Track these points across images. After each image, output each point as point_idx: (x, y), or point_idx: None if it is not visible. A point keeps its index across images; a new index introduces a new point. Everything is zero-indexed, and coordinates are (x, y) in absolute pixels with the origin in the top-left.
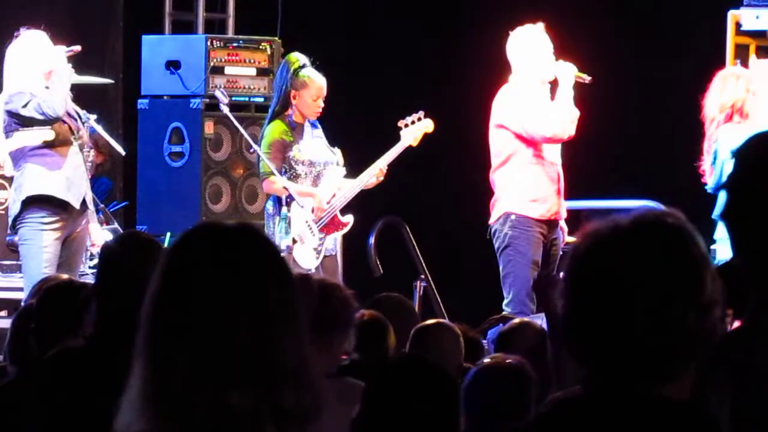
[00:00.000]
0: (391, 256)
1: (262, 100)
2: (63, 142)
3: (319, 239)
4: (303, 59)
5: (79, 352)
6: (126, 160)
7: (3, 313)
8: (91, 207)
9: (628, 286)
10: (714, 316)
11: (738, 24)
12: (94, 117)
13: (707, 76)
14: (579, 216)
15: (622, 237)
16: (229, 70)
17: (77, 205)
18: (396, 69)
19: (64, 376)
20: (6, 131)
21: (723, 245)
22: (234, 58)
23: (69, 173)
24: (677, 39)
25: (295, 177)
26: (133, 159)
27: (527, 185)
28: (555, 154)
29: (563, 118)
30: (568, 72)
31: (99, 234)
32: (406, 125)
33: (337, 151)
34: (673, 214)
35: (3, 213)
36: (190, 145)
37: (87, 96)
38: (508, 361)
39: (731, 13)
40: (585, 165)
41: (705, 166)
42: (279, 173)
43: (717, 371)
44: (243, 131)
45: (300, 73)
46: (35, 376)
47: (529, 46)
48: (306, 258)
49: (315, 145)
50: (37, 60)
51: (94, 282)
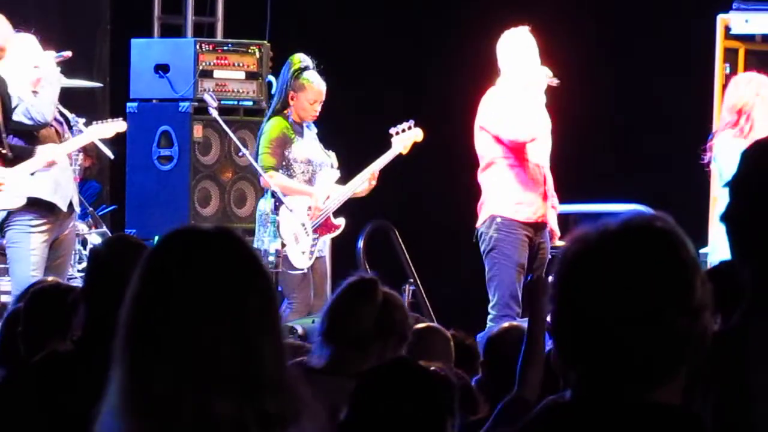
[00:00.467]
0: (380, 259)
1: (251, 103)
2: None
3: (313, 240)
4: (306, 61)
5: (67, 355)
6: (114, 163)
7: None
8: (78, 209)
9: (617, 290)
10: (704, 320)
11: (727, 28)
12: (82, 121)
13: (697, 80)
14: (567, 220)
15: (611, 241)
16: (218, 73)
17: (64, 208)
18: (385, 73)
19: (51, 380)
20: None
21: (719, 248)
22: (223, 61)
23: (56, 176)
24: (667, 43)
25: (292, 175)
26: (122, 162)
27: (511, 188)
28: (541, 156)
29: (529, 121)
30: (541, 76)
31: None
32: (397, 133)
33: (332, 154)
34: (662, 218)
35: None
36: (178, 149)
37: (75, 99)
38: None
39: (720, 17)
40: (574, 169)
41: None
42: (277, 170)
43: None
44: (232, 135)
45: (300, 76)
46: (22, 379)
47: (514, 49)
48: (299, 258)
49: (312, 146)
50: (27, 64)
51: (82, 285)
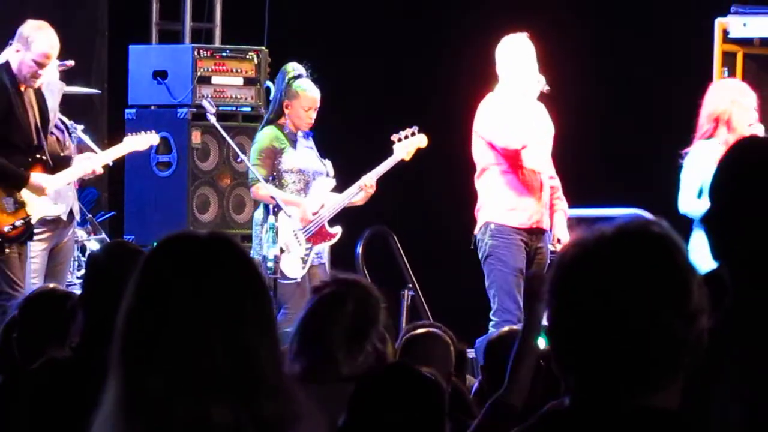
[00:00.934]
0: (379, 265)
1: (249, 109)
2: (51, 153)
3: (306, 249)
4: (299, 69)
5: (65, 362)
6: (113, 170)
7: None
8: (78, 217)
9: (613, 295)
10: (701, 324)
11: (725, 32)
12: (81, 127)
13: (695, 83)
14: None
15: (606, 246)
16: (216, 79)
17: (64, 216)
18: (383, 79)
19: (49, 386)
20: None
21: (698, 252)
22: (221, 67)
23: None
24: (665, 47)
25: (284, 185)
26: (121, 169)
27: (505, 194)
28: (538, 162)
29: (521, 128)
30: (534, 82)
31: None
32: (399, 139)
33: (328, 163)
34: (658, 222)
35: None
36: (177, 155)
37: (74, 106)
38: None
39: (718, 21)
40: (572, 173)
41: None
42: (267, 180)
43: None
44: (230, 141)
45: (294, 84)
46: (20, 386)
47: (512, 55)
48: (292, 267)
49: (305, 155)
50: None
51: (80, 292)
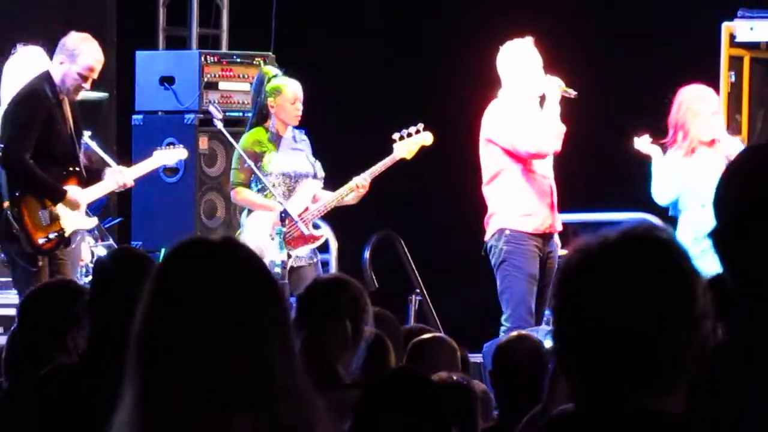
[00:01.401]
0: (387, 270)
1: None
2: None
3: (286, 253)
4: (275, 70)
5: (73, 369)
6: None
7: None
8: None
9: (618, 300)
10: (706, 328)
11: (732, 36)
12: (88, 133)
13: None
14: (569, 229)
15: (611, 251)
16: (223, 85)
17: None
18: (389, 82)
19: (58, 393)
20: None
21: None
22: (228, 73)
23: None
24: (671, 51)
25: (265, 188)
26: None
27: (519, 200)
28: (546, 167)
29: (548, 133)
30: (554, 86)
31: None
32: (401, 138)
33: (317, 164)
34: (662, 227)
35: None
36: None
37: (81, 112)
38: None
39: (725, 25)
40: (577, 178)
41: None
42: (248, 185)
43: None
44: (237, 146)
45: (273, 82)
46: (28, 393)
47: (518, 60)
48: None
49: (291, 157)
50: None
51: (87, 298)
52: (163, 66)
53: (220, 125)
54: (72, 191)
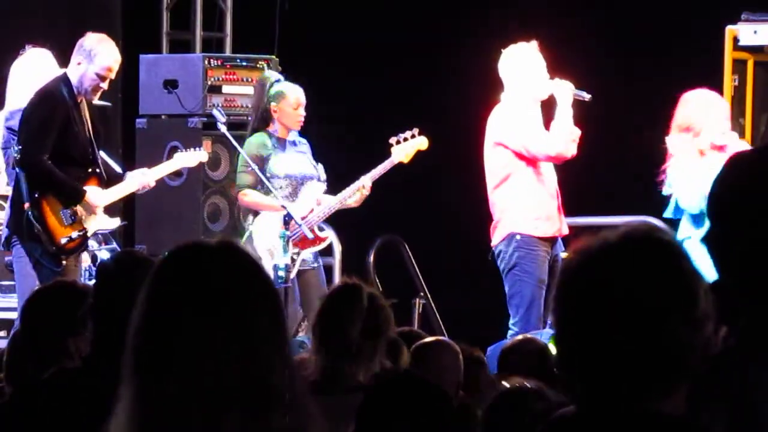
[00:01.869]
0: (390, 274)
1: None
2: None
3: (293, 254)
4: (276, 75)
5: (76, 373)
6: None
7: (2, 333)
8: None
9: (619, 302)
10: (707, 330)
11: (735, 39)
12: None
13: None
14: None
15: (612, 253)
16: (227, 88)
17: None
18: (393, 87)
19: (60, 397)
20: (4, 147)
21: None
22: (231, 77)
23: None
24: (675, 55)
25: (270, 191)
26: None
27: (530, 204)
28: (551, 171)
29: (565, 137)
30: (565, 90)
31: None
32: (398, 142)
33: (320, 167)
34: (662, 229)
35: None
36: None
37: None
38: (530, 386)
39: (729, 29)
40: (581, 181)
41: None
42: (254, 187)
43: (710, 390)
44: (241, 150)
45: (276, 86)
46: (31, 397)
47: (522, 64)
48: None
49: (294, 160)
50: (41, 78)
51: (90, 301)
52: (167, 70)
53: (223, 129)
54: (92, 192)
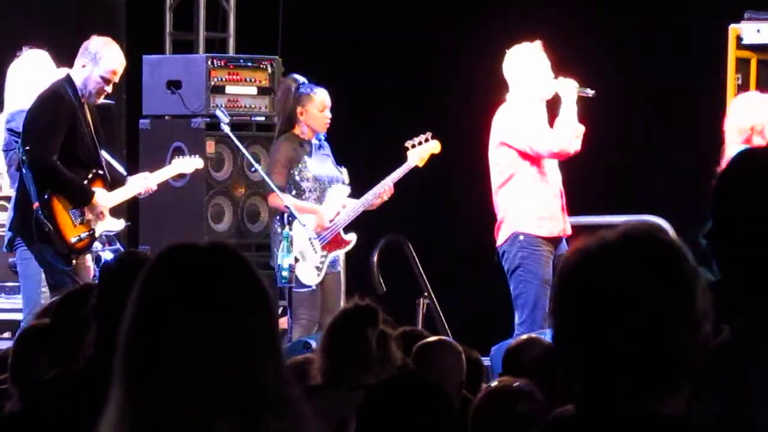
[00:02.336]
0: (394, 273)
1: (263, 119)
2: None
3: (321, 256)
4: (301, 78)
5: (79, 373)
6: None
7: (6, 335)
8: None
9: (617, 301)
10: (705, 329)
11: (739, 38)
12: None
13: (708, 90)
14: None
15: (610, 253)
16: (230, 89)
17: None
18: (396, 88)
19: (63, 398)
20: (5, 149)
21: None
22: (235, 77)
23: None
24: (678, 53)
25: (300, 193)
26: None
27: (533, 204)
28: (555, 170)
29: (569, 133)
30: (569, 88)
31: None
32: (413, 146)
33: (344, 170)
34: (661, 228)
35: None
36: None
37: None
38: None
39: (732, 27)
40: (586, 180)
41: None
42: (284, 190)
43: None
44: (244, 150)
45: (302, 90)
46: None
47: (527, 64)
48: (307, 275)
49: (321, 163)
50: (39, 79)
51: (93, 302)
52: (170, 70)
53: (227, 129)
54: (99, 193)
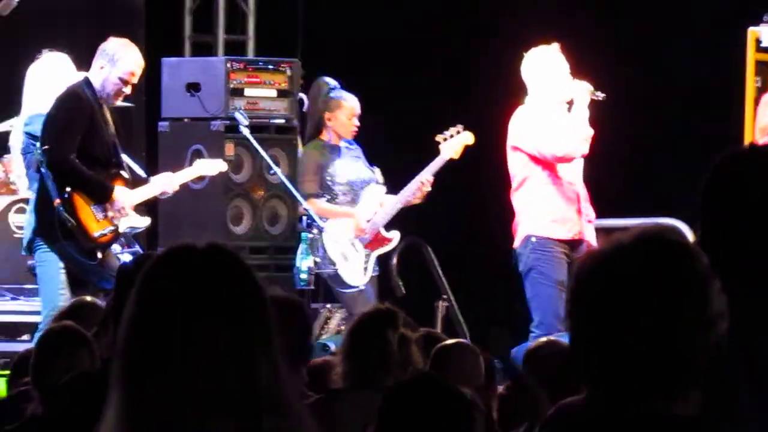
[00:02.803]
0: (414, 275)
1: (282, 121)
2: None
3: (365, 256)
4: (333, 82)
5: (96, 375)
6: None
7: (25, 337)
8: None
9: (632, 303)
10: (720, 329)
11: (758, 41)
12: None
13: (727, 93)
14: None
15: (624, 254)
16: (249, 91)
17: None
18: (416, 88)
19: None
20: (24, 153)
21: None
22: (254, 79)
23: None
24: (697, 57)
25: (333, 197)
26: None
27: (545, 206)
28: (574, 173)
29: (576, 137)
30: (582, 90)
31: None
32: (444, 139)
33: (377, 170)
34: (674, 229)
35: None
36: None
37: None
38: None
39: (751, 30)
40: (606, 183)
41: None
42: (318, 196)
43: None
44: (263, 153)
45: (333, 95)
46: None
47: (544, 66)
48: (353, 275)
49: (352, 165)
50: (59, 82)
51: (110, 304)
52: (190, 73)
53: (246, 132)
54: (119, 190)
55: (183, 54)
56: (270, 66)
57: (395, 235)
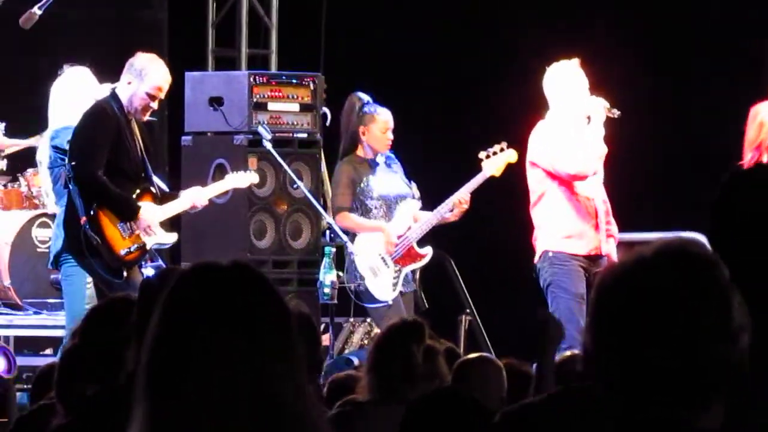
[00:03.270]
0: (437, 289)
1: (305, 135)
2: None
3: (395, 271)
4: (366, 97)
5: (121, 389)
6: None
7: (48, 351)
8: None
9: (654, 317)
10: (743, 341)
11: None
12: None
13: (748, 104)
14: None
15: (646, 267)
16: (272, 105)
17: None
18: (438, 102)
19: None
20: (51, 166)
21: None
22: (277, 94)
23: None
24: (720, 68)
25: (367, 212)
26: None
27: (561, 222)
28: (592, 189)
29: (590, 155)
30: (598, 107)
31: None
32: (487, 156)
33: (413, 185)
34: (696, 242)
35: (47, 251)
36: None
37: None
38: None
39: None
40: (628, 197)
41: None
42: (351, 210)
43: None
44: (286, 167)
45: (366, 109)
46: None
47: (564, 81)
48: (382, 290)
49: (387, 180)
50: (83, 96)
51: (134, 319)
52: (212, 87)
53: (269, 146)
54: (146, 207)
55: (206, 68)
56: (293, 80)
57: (428, 251)
